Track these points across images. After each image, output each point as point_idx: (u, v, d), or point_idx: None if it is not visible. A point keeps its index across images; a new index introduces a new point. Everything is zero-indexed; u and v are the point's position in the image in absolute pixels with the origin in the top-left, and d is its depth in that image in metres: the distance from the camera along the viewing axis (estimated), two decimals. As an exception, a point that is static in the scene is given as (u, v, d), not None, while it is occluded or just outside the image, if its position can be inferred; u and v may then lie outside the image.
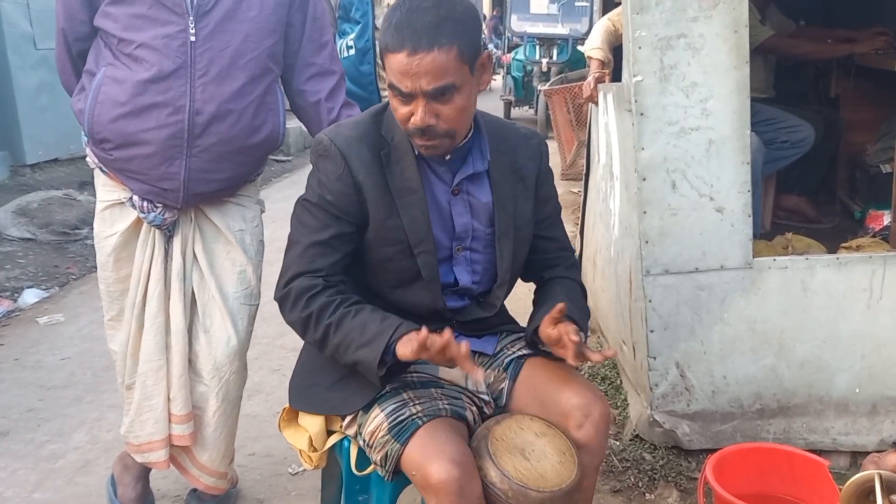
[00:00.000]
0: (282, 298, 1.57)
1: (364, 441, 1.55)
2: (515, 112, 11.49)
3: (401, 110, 1.47)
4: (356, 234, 1.58)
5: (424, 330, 1.40)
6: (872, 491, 1.21)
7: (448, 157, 1.59)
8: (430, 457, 1.41)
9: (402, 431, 1.47)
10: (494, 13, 15.91)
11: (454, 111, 1.45)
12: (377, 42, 1.49)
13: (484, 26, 16.46)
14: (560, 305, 1.51)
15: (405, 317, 1.60)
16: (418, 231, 1.57)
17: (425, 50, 1.38)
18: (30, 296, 4.06)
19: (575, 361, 1.48)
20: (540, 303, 1.72)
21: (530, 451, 1.48)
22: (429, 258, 1.59)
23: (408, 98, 1.44)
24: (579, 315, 1.63)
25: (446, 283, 1.65)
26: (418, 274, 1.60)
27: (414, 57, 1.39)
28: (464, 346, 1.40)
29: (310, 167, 1.63)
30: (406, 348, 1.43)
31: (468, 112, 1.50)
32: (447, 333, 1.39)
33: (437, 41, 1.39)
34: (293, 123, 2.23)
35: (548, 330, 1.53)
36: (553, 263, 1.76)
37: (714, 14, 2.17)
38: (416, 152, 1.56)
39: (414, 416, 1.49)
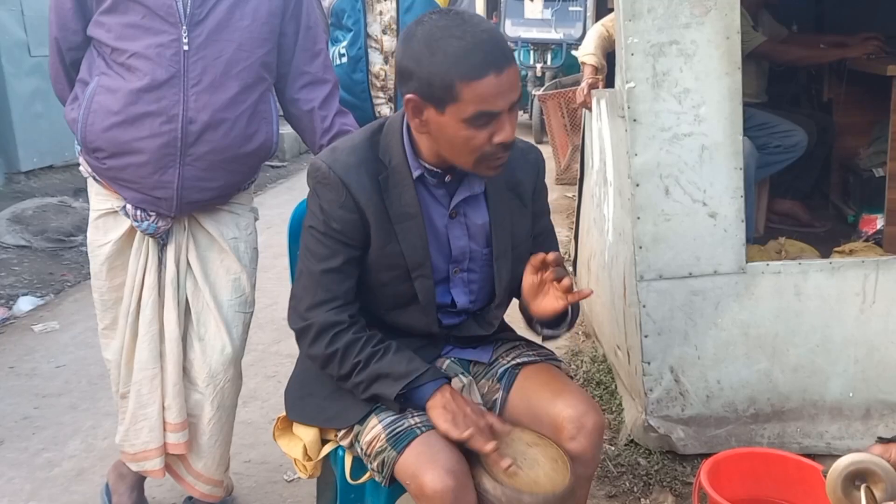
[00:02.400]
0: (302, 331, 1.56)
1: (361, 450, 1.55)
2: (510, 117, 11.48)
3: (479, 137, 1.42)
4: (362, 257, 1.58)
5: (469, 431, 1.43)
6: (858, 475, 1.21)
7: (448, 179, 1.57)
8: (426, 465, 1.41)
9: (399, 440, 1.47)
10: (493, 21, 15.95)
11: (515, 121, 1.47)
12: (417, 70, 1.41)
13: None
14: (540, 255, 1.51)
15: (399, 337, 1.61)
16: (416, 256, 1.56)
17: (509, 65, 1.39)
18: (25, 303, 4.05)
19: (562, 293, 1.49)
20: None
21: (522, 460, 1.48)
22: (426, 283, 1.59)
23: (493, 119, 1.41)
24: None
25: (443, 304, 1.65)
26: (414, 297, 1.60)
27: (501, 75, 1.38)
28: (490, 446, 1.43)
29: (304, 172, 1.62)
30: (442, 423, 1.45)
31: None
32: (490, 447, 1.42)
33: (511, 56, 1.41)
34: (288, 129, 2.23)
35: (530, 279, 1.53)
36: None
37: (706, 21, 2.18)
38: (414, 176, 1.54)
39: (412, 427, 1.49)
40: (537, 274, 1.52)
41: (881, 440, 1.28)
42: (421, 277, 1.58)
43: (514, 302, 1.78)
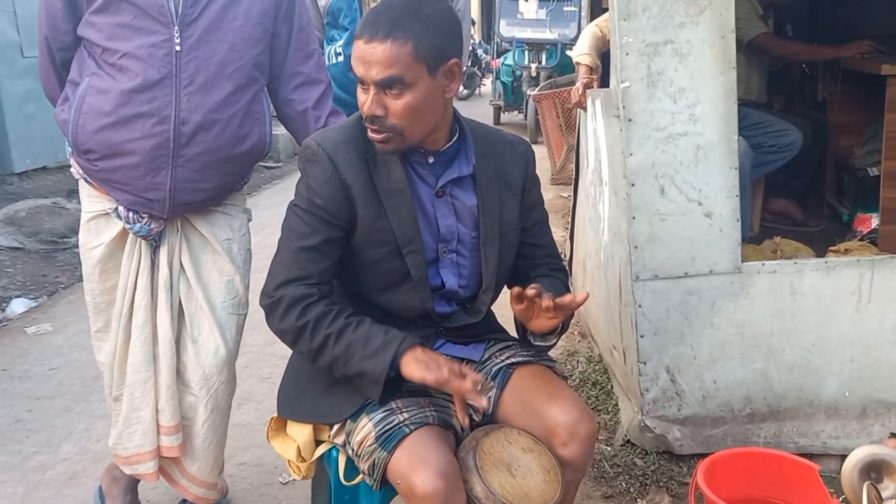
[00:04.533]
0: (271, 305, 1.55)
1: (353, 450, 1.54)
2: (505, 117, 11.52)
3: (360, 98, 1.50)
4: (344, 239, 1.58)
5: (445, 370, 1.43)
6: (873, 467, 1.21)
7: (431, 161, 1.59)
8: (417, 467, 1.41)
9: (388, 439, 1.47)
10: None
11: (402, 108, 1.47)
12: None
13: (473, 31, 16.51)
14: (516, 289, 1.53)
15: (393, 321, 1.60)
16: (406, 232, 1.57)
17: (380, 39, 1.43)
18: (18, 305, 4.03)
19: (548, 309, 1.51)
20: None
21: (516, 468, 1.48)
22: (418, 258, 1.59)
23: (364, 85, 1.48)
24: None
25: (433, 286, 1.65)
26: (407, 275, 1.60)
27: (369, 44, 1.44)
28: (475, 387, 1.43)
29: (299, 174, 1.63)
30: (416, 371, 1.44)
31: (418, 112, 1.49)
32: (468, 383, 1.42)
33: (393, 33, 1.43)
34: (282, 130, 2.22)
35: (517, 306, 1.56)
36: (539, 267, 1.77)
37: (700, 20, 2.17)
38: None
39: (401, 424, 1.48)
40: (522, 303, 1.54)
41: (894, 435, 1.29)
42: (412, 253, 1.58)
43: (506, 303, 1.78)
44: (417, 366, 1.46)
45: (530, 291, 1.49)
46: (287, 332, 1.55)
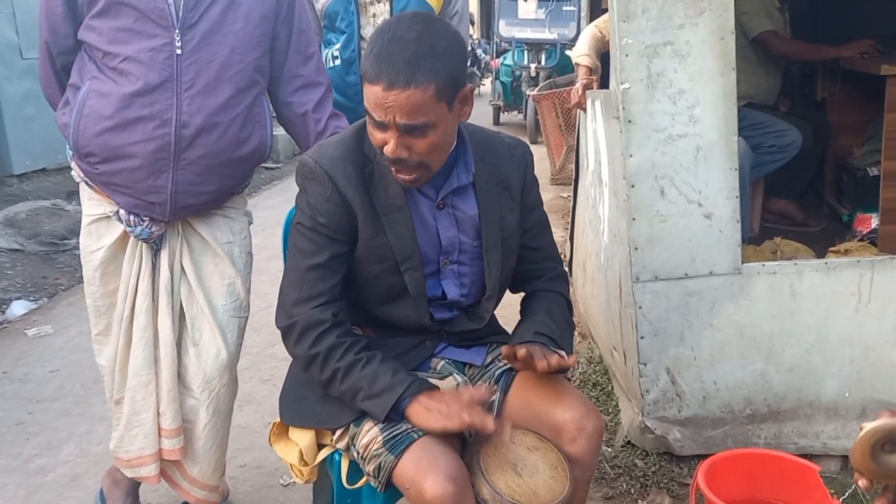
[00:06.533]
0: (286, 329, 1.57)
1: (357, 453, 1.54)
2: (504, 117, 11.53)
3: (376, 136, 1.47)
4: (349, 253, 1.58)
5: (456, 419, 1.43)
6: (888, 441, 1.18)
7: None
8: (425, 471, 1.40)
9: (396, 444, 1.47)
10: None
11: (427, 146, 1.45)
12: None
13: (472, 30, 16.52)
14: (507, 352, 1.53)
15: (392, 331, 1.60)
16: (404, 248, 1.57)
17: (401, 87, 1.36)
18: (18, 307, 4.03)
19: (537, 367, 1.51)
20: (522, 317, 1.73)
21: (522, 467, 1.48)
22: (416, 274, 1.59)
23: (384, 128, 1.44)
24: (558, 332, 1.63)
25: (434, 297, 1.65)
26: (405, 290, 1.60)
27: (390, 92, 1.37)
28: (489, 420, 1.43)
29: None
30: (432, 423, 1.44)
31: (442, 146, 1.49)
32: (490, 422, 1.42)
33: (414, 79, 1.36)
34: (282, 130, 2.23)
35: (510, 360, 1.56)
36: (539, 274, 1.75)
37: (700, 21, 2.18)
38: None
39: (409, 430, 1.48)
40: (515, 360, 1.54)
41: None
42: (410, 269, 1.58)
43: (507, 303, 1.78)
44: (430, 416, 1.45)
45: (521, 353, 1.49)
46: (300, 357, 1.57)
